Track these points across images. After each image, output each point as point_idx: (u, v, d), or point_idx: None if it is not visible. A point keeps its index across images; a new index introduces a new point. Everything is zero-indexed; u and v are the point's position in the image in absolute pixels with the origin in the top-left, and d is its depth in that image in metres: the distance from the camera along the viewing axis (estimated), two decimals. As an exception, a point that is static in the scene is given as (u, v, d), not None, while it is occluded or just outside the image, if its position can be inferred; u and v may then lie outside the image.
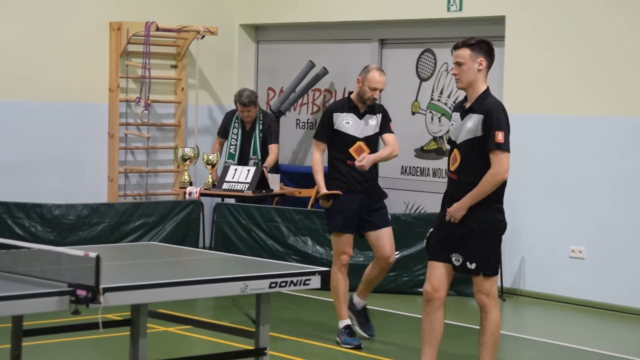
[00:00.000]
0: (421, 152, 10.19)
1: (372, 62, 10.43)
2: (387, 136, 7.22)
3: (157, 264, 5.31)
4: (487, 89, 5.74)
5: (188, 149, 10.22)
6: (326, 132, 7.19)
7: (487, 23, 9.54)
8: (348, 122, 7.14)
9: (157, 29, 10.36)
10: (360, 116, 7.16)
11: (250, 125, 10.15)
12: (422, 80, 10.21)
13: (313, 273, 4.99)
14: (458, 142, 5.69)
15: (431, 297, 5.74)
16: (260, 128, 10.11)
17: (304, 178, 10.58)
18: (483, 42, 5.74)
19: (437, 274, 5.74)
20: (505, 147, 5.56)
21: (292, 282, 4.89)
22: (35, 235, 9.18)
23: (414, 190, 10.18)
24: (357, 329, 7.30)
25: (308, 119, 11.16)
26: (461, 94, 9.86)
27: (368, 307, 7.42)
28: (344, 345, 7.13)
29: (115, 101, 10.46)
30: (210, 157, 10.02)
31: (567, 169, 8.95)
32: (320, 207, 7.50)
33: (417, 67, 10.23)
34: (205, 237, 10.05)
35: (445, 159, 9.89)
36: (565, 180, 8.95)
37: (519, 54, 9.22)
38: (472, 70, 5.68)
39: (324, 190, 7.13)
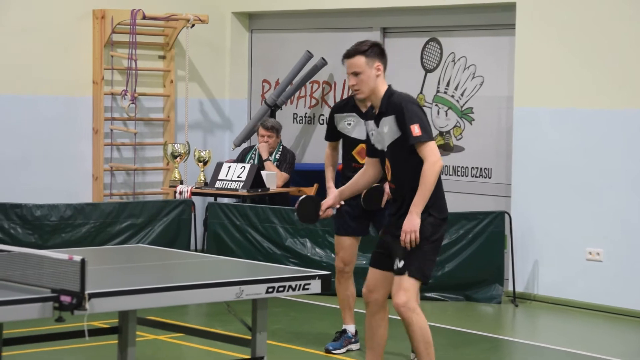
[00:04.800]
0: (427, 148, 10.16)
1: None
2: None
3: (145, 267, 5.31)
4: (389, 87, 5.80)
5: (178, 145, 10.21)
6: (331, 132, 7.12)
7: (496, 10, 9.53)
8: (350, 124, 7.04)
9: (144, 17, 10.36)
10: (363, 116, 6.95)
11: (267, 156, 10.03)
12: (427, 71, 10.21)
13: (313, 277, 5.00)
14: (386, 150, 5.73)
15: (367, 300, 5.82)
16: (277, 158, 10.00)
17: (303, 176, 10.56)
18: (375, 46, 5.82)
19: (374, 275, 5.80)
20: (425, 137, 5.59)
21: (290, 286, 4.90)
22: (15, 238, 9.16)
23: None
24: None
25: (306, 113, 11.16)
26: (459, 83, 9.88)
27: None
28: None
29: (99, 94, 10.45)
30: (202, 154, 10.01)
31: (582, 165, 8.94)
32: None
33: (422, 58, 10.23)
34: (197, 239, 10.03)
35: (453, 155, 9.93)
36: (581, 178, 8.94)
37: (531, 43, 9.22)
38: (372, 78, 5.75)
39: (329, 191, 6.96)
